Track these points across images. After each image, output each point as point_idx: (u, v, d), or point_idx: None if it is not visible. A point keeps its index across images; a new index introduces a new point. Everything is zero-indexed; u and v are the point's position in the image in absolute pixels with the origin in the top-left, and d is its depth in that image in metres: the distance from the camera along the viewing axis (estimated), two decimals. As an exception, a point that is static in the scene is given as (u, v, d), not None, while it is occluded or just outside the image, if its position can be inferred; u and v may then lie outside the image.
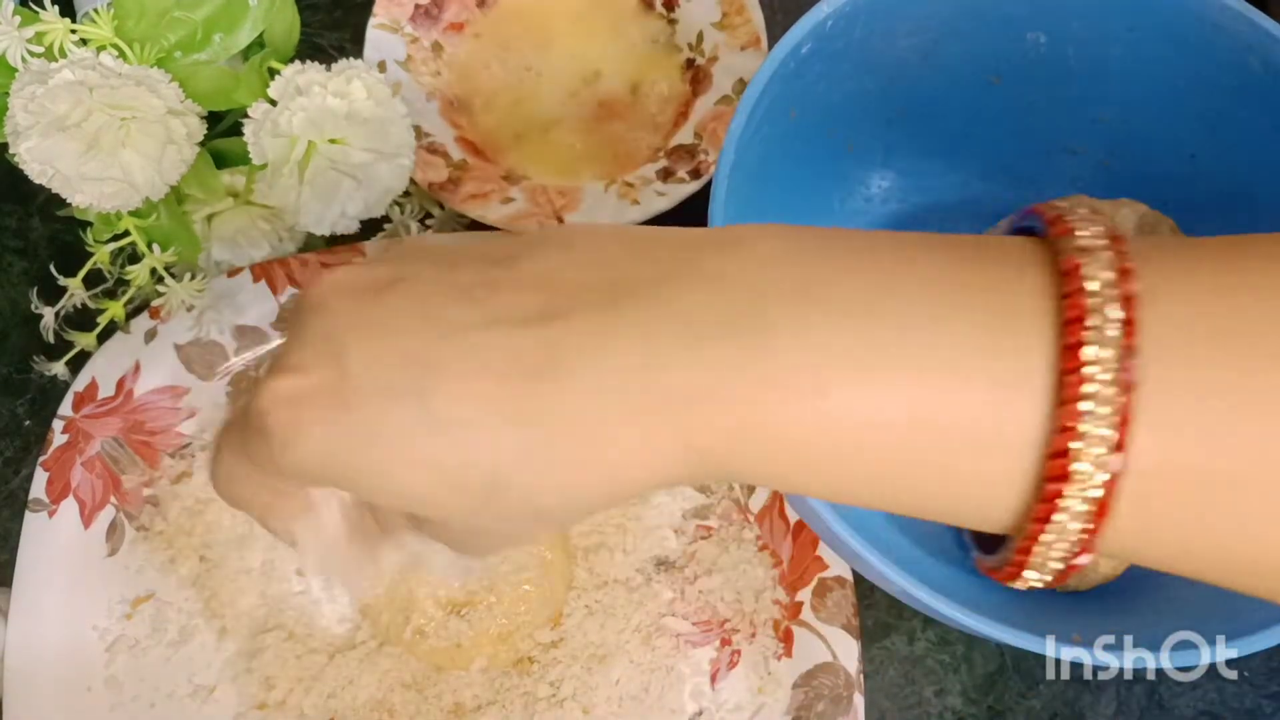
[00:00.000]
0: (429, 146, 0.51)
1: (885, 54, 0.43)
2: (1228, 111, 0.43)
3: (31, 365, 0.48)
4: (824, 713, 0.43)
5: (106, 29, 0.43)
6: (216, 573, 0.46)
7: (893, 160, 0.46)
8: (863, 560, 0.33)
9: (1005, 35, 0.44)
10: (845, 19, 0.39)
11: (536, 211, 0.49)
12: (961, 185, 0.47)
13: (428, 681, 0.44)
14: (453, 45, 0.55)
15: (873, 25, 0.41)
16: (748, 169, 0.38)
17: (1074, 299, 0.21)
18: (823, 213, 0.45)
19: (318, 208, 0.44)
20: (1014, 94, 0.45)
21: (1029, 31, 0.44)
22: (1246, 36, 0.41)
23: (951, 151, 0.46)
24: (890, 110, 0.45)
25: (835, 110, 0.43)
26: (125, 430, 0.47)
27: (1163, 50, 0.43)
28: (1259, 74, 0.41)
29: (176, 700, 0.44)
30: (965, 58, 0.44)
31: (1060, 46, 0.44)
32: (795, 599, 0.44)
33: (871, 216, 0.46)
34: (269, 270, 0.49)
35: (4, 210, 0.54)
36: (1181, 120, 0.45)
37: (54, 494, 0.46)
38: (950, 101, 0.45)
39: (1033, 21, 0.43)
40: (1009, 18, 0.43)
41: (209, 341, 0.48)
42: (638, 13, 0.56)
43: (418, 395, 0.22)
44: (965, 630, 0.34)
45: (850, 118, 0.44)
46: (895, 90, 0.44)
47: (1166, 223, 0.46)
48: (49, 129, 0.41)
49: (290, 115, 0.42)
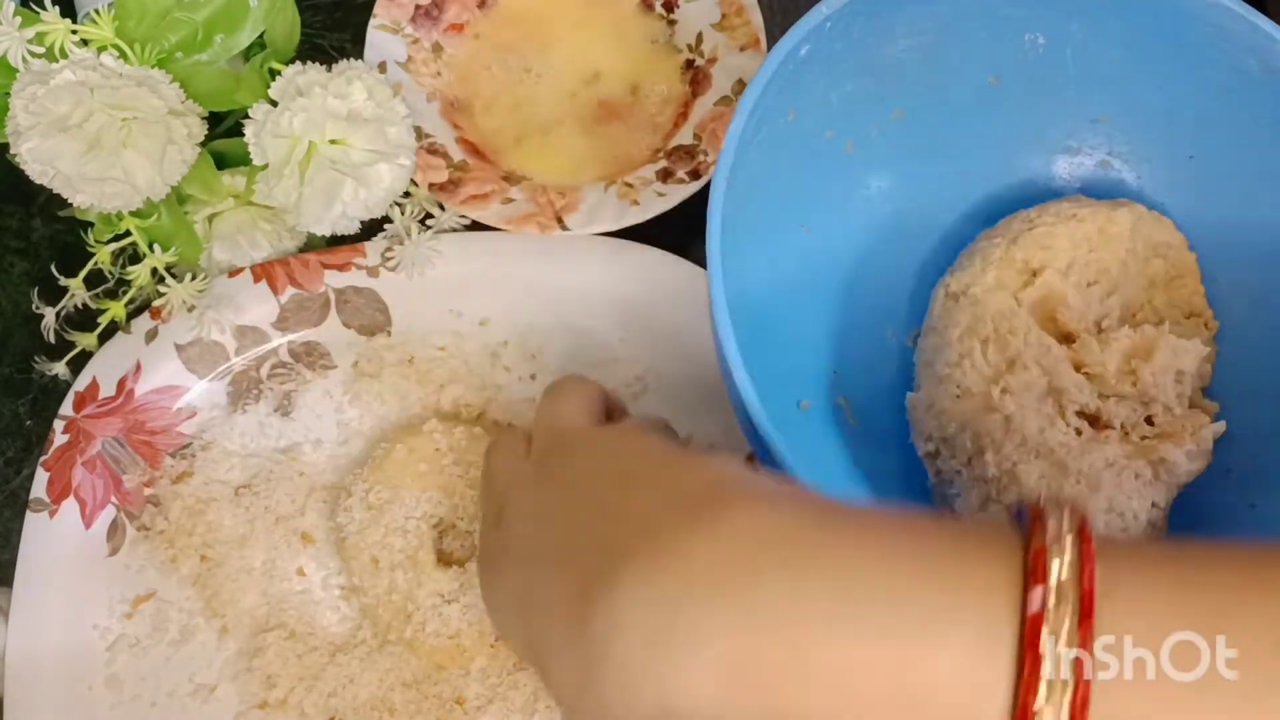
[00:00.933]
0: (429, 147, 0.51)
1: (884, 54, 0.43)
2: (1227, 113, 0.44)
3: (33, 365, 0.48)
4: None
5: (107, 30, 0.43)
6: (217, 572, 0.46)
7: (892, 160, 0.46)
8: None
9: (1004, 36, 0.44)
10: (843, 20, 0.39)
11: (537, 212, 0.49)
12: (961, 184, 0.48)
13: (428, 680, 0.44)
14: (453, 46, 0.55)
15: (871, 26, 0.41)
16: (747, 169, 0.38)
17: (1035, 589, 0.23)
18: (823, 212, 0.45)
19: (318, 208, 0.44)
20: (1013, 94, 0.45)
21: (1028, 32, 0.44)
22: (1246, 38, 0.41)
23: (950, 151, 0.47)
24: (888, 110, 0.45)
25: (834, 111, 0.43)
26: (126, 430, 0.47)
27: (1162, 51, 0.43)
28: (1258, 76, 0.41)
29: (177, 699, 0.44)
30: (964, 58, 0.44)
31: (1059, 47, 0.44)
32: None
33: (872, 215, 0.46)
34: (269, 270, 0.49)
35: (5, 211, 0.54)
36: (1181, 120, 0.45)
37: (55, 494, 0.46)
38: (949, 102, 0.45)
39: (1031, 22, 0.43)
40: (1008, 19, 0.43)
41: (210, 341, 0.48)
42: (637, 14, 0.56)
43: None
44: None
45: (849, 118, 0.44)
46: (894, 90, 0.45)
47: (1164, 223, 0.46)
48: (50, 129, 0.41)
49: (291, 116, 0.43)
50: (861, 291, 0.46)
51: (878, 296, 0.46)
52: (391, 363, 0.49)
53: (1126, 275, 0.45)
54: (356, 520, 0.45)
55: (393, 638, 0.44)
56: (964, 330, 0.43)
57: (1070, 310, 0.44)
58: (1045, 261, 0.44)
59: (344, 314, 0.50)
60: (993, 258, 0.44)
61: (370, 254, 0.49)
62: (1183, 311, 0.46)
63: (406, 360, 0.49)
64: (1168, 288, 0.46)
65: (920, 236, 0.48)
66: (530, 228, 0.49)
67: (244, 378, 0.49)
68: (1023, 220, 0.45)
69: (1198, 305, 0.46)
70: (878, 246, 0.47)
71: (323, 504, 0.47)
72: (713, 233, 0.36)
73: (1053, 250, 0.44)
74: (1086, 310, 0.44)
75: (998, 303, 0.43)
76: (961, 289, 0.44)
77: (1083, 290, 0.44)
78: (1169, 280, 0.46)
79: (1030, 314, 0.43)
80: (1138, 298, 0.45)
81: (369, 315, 0.50)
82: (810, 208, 0.45)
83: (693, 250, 0.49)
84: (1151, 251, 0.45)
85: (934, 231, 0.48)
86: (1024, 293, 0.44)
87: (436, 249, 0.49)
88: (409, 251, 0.49)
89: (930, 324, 0.45)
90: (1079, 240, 0.44)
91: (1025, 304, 0.43)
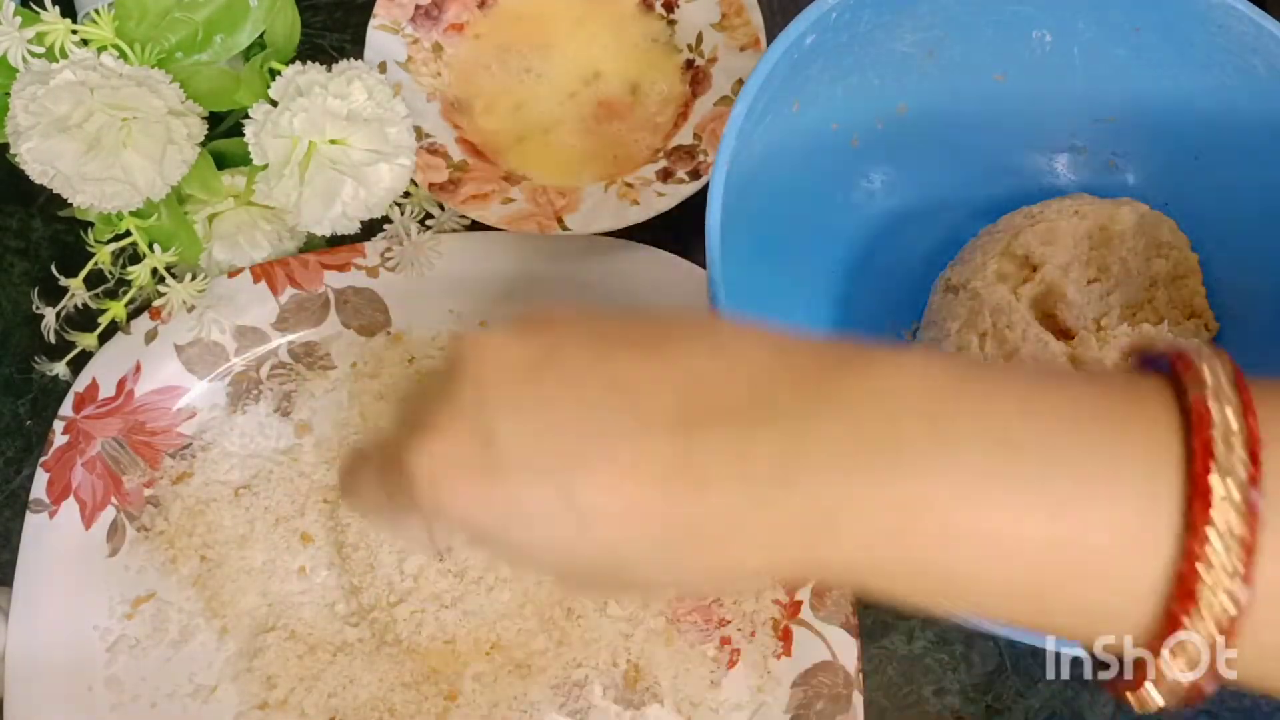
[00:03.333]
0: (429, 147, 0.51)
1: (891, 49, 0.43)
2: (1232, 113, 0.43)
3: (33, 365, 0.48)
4: (823, 711, 0.43)
5: (107, 30, 0.43)
6: (217, 572, 0.46)
7: (895, 154, 0.46)
8: None
9: (1011, 33, 0.44)
10: (850, 10, 0.39)
11: (537, 212, 0.49)
12: (964, 181, 0.47)
13: (428, 681, 0.44)
14: (453, 46, 0.55)
15: (879, 19, 0.41)
16: (748, 158, 0.38)
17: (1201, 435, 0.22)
18: (823, 205, 0.45)
19: (318, 208, 0.44)
20: (1018, 91, 0.45)
21: (1035, 29, 0.44)
22: (1251, 38, 0.41)
23: (955, 147, 0.46)
24: (893, 105, 0.45)
25: (838, 104, 0.43)
26: (126, 430, 0.47)
27: (1168, 51, 0.43)
28: (1263, 76, 0.41)
29: (177, 700, 0.44)
30: (970, 54, 0.44)
31: (1066, 45, 0.44)
32: (794, 598, 0.44)
33: (874, 210, 0.46)
34: (269, 271, 0.49)
35: (5, 211, 0.54)
36: (1186, 121, 0.45)
37: (54, 495, 0.46)
38: (954, 97, 0.45)
39: (1039, 20, 0.43)
40: (1015, 15, 0.43)
41: (210, 342, 0.48)
42: (637, 14, 0.56)
43: (562, 484, 0.23)
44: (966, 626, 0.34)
45: (853, 111, 0.44)
46: (899, 85, 0.44)
47: (1167, 223, 0.46)
48: (50, 129, 0.41)
49: (291, 116, 0.43)
50: (862, 284, 0.46)
51: (878, 290, 0.46)
52: (391, 363, 0.49)
53: (1127, 274, 0.45)
54: (356, 521, 0.45)
55: (389, 639, 0.44)
56: (962, 324, 0.43)
57: (1069, 307, 0.44)
58: (1045, 257, 0.44)
59: (343, 314, 0.50)
60: (993, 252, 0.44)
61: (370, 254, 0.49)
62: (1183, 312, 0.46)
63: (406, 360, 0.49)
64: (1169, 287, 0.46)
65: (921, 231, 0.48)
66: (530, 228, 0.49)
67: (244, 378, 0.49)
68: (1025, 216, 0.45)
69: (1198, 306, 0.46)
70: (879, 240, 0.47)
71: (323, 504, 0.47)
72: (712, 225, 0.36)
73: (1054, 246, 0.44)
74: (1086, 307, 0.44)
75: (997, 297, 0.43)
76: (961, 282, 0.44)
77: (1082, 287, 0.44)
78: (1170, 280, 0.46)
79: (1029, 309, 0.43)
80: (1138, 296, 0.45)
81: (369, 315, 0.50)
82: (813, 199, 0.45)
83: (693, 250, 0.49)
84: (1154, 251, 0.45)
85: (935, 226, 0.48)
86: (1023, 288, 0.44)
87: (436, 249, 0.49)
88: (409, 251, 0.49)
89: (929, 317, 0.45)
90: (1080, 237, 0.44)
91: (1024, 299, 0.43)
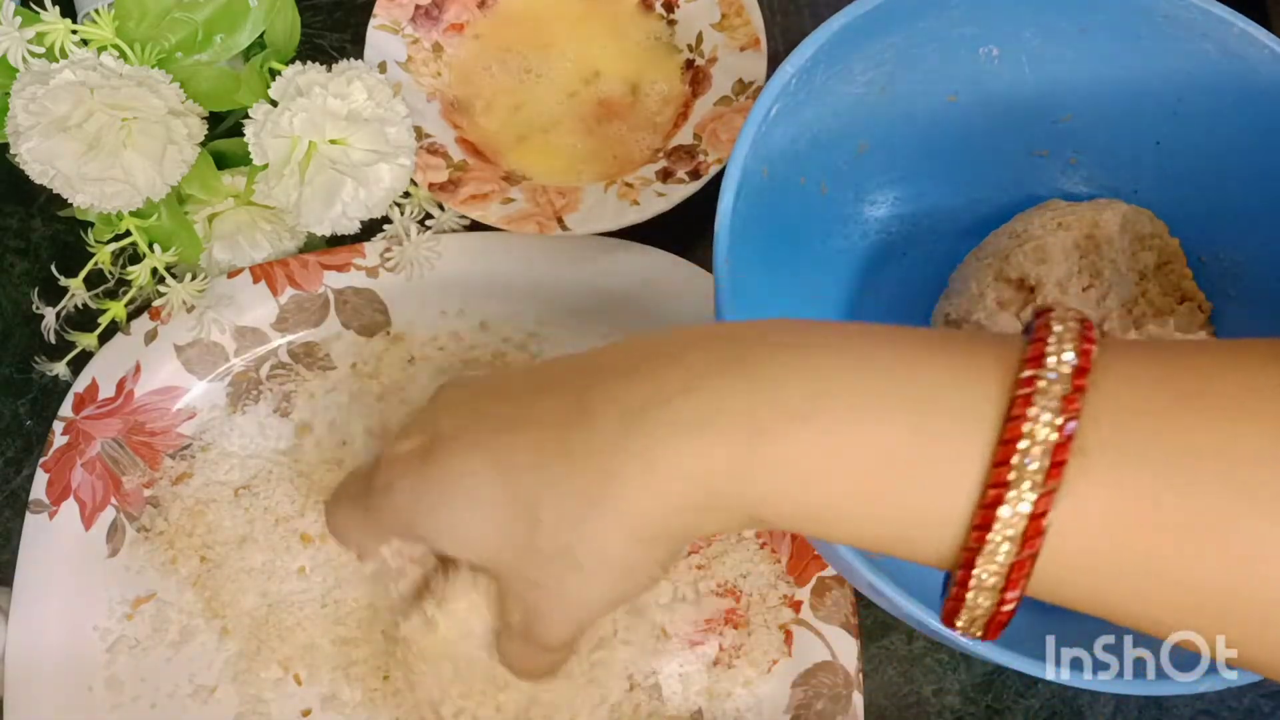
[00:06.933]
0: (429, 147, 0.51)
1: (844, 93, 0.43)
2: (1188, 96, 0.44)
3: (33, 366, 0.48)
4: (823, 711, 0.43)
5: (107, 30, 0.43)
6: (217, 573, 0.46)
7: (867, 192, 0.47)
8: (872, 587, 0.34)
9: (959, 55, 0.44)
10: (805, 70, 0.39)
11: (537, 212, 0.49)
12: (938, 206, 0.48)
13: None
14: (453, 46, 0.55)
15: (831, 70, 0.41)
16: (741, 242, 0.38)
17: (1033, 366, 0.24)
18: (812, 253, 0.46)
19: (318, 208, 0.44)
20: (972, 109, 0.46)
21: (981, 46, 0.44)
22: (1200, 24, 0.41)
23: (920, 173, 0.47)
24: (854, 145, 0.45)
25: (802, 157, 0.43)
26: (126, 431, 0.47)
27: (1116, 47, 0.43)
28: (1215, 58, 0.42)
29: (177, 700, 0.44)
30: (920, 82, 0.44)
31: (1014, 56, 0.44)
32: (794, 598, 0.44)
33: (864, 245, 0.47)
34: (269, 271, 0.49)
35: (5, 211, 0.54)
36: (1143, 110, 0.45)
37: (54, 495, 0.46)
38: (911, 126, 0.46)
39: (983, 37, 0.44)
40: (960, 37, 0.43)
41: (209, 342, 0.48)
42: (637, 13, 0.56)
43: (482, 446, 0.28)
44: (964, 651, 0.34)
45: (815, 161, 0.44)
46: (855, 126, 0.45)
47: (1145, 214, 0.46)
48: (50, 129, 0.41)
49: (291, 116, 0.43)
50: (865, 317, 0.46)
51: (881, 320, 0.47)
52: (391, 363, 0.49)
53: (1118, 274, 0.45)
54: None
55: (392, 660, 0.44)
56: None
57: (1072, 320, 0.44)
58: (1041, 277, 0.44)
59: (343, 314, 0.50)
60: (987, 280, 0.44)
61: (369, 254, 0.49)
62: (1175, 298, 0.46)
63: (406, 360, 0.49)
64: (1157, 277, 0.46)
65: (911, 259, 0.48)
66: (530, 228, 0.49)
67: (243, 378, 0.49)
68: (1009, 236, 0.45)
69: (1188, 289, 0.46)
70: (870, 276, 0.47)
71: (322, 504, 0.47)
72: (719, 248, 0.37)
73: (1047, 265, 0.44)
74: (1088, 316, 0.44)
75: (1001, 325, 0.43)
76: (962, 315, 0.44)
77: (1080, 297, 0.44)
78: (1157, 269, 0.46)
79: (1035, 331, 0.44)
80: (1131, 293, 0.46)
81: (368, 316, 0.50)
82: (797, 251, 0.45)
83: (693, 250, 0.49)
84: (1139, 245, 0.45)
85: (923, 252, 0.48)
86: (1025, 312, 0.44)
87: (436, 249, 0.49)
88: (409, 251, 0.49)
89: None
90: (1070, 249, 0.44)
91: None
